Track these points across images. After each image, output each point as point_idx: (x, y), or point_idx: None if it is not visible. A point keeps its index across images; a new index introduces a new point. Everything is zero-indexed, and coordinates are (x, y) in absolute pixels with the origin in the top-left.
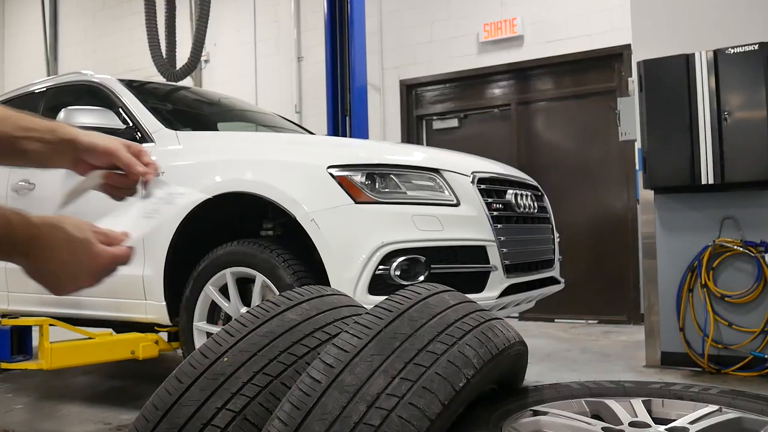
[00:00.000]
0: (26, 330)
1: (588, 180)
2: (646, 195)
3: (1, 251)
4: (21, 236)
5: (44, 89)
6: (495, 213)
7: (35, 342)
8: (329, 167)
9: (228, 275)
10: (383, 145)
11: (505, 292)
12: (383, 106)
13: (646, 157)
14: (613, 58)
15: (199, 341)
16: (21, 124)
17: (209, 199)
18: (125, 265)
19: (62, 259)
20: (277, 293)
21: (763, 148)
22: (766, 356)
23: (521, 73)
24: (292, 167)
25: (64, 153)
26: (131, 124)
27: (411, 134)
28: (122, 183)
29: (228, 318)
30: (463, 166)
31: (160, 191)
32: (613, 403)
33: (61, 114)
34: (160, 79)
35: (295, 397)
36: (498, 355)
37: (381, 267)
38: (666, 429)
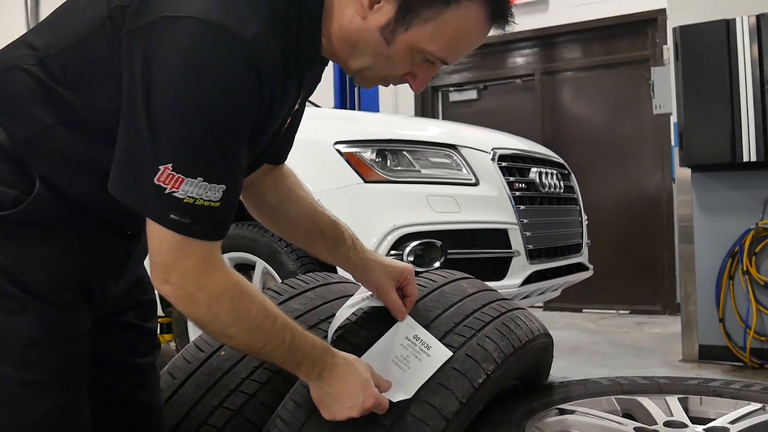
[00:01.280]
0: None
1: (619, 157)
2: (683, 174)
3: (308, 369)
4: (322, 363)
5: None
6: (517, 193)
7: None
8: (336, 143)
9: (225, 261)
10: (395, 119)
11: (529, 280)
12: None
13: (683, 132)
14: (647, 24)
15: (193, 333)
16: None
17: None
18: (381, 413)
19: (345, 389)
20: (279, 281)
21: None
22: None
23: (546, 40)
24: (296, 143)
25: (344, 265)
26: None
27: (425, 107)
28: None
29: None
30: (482, 142)
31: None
32: (646, 401)
33: None
34: None
35: (298, 395)
36: (521, 348)
37: (393, 252)
38: (704, 429)
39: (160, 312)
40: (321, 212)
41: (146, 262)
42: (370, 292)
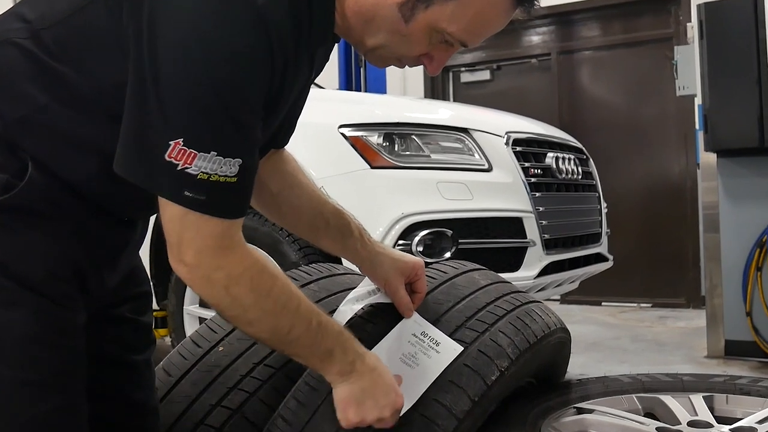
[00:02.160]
0: None
1: (640, 141)
2: (708, 159)
3: (341, 358)
4: (348, 355)
5: None
6: (533, 179)
7: None
8: (341, 126)
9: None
10: (403, 101)
11: (545, 271)
12: None
13: (708, 115)
14: (670, 1)
15: (190, 328)
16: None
17: None
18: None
19: (380, 385)
20: None
21: None
22: None
23: (563, 17)
24: (298, 126)
25: (351, 257)
26: None
27: (435, 88)
28: None
29: None
30: (495, 126)
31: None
32: (669, 400)
33: None
34: None
35: (301, 393)
36: (536, 343)
37: (401, 242)
38: (730, 429)
39: (154, 305)
40: (325, 201)
41: (142, 251)
42: (375, 286)
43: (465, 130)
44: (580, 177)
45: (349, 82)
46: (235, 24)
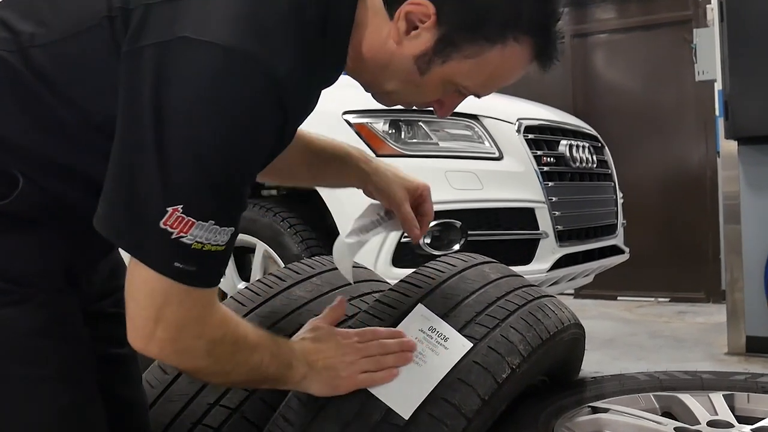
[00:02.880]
0: None
1: (658, 129)
2: (729, 147)
3: (298, 365)
4: (303, 348)
5: None
6: (545, 168)
7: None
8: (345, 113)
9: None
10: None
11: (558, 264)
12: None
13: (729, 101)
14: None
15: None
16: None
17: None
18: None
19: (331, 350)
20: (282, 265)
21: None
22: None
23: None
24: None
25: (355, 178)
26: None
27: None
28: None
29: (223, 295)
30: (506, 112)
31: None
32: (688, 398)
33: None
34: None
35: (303, 392)
36: (549, 340)
37: (407, 234)
38: (752, 429)
39: None
40: (311, 137)
41: None
42: (379, 214)
43: (474, 117)
44: (594, 166)
45: None
46: (253, 95)
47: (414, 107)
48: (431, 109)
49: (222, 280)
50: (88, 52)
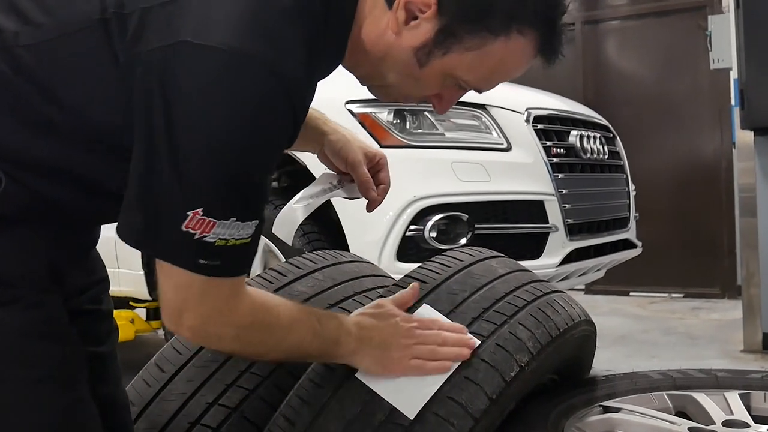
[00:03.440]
0: None
1: (671, 119)
2: (744, 137)
3: (346, 339)
4: (353, 321)
5: None
6: (555, 159)
7: None
8: (348, 102)
9: None
10: None
11: (568, 259)
12: None
13: (745, 90)
14: None
15: None
16: None
17: None
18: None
19: (387, 330)
20: (283, 260)
21: None
22: None
23: None
24: None
25: (311, 139)
26: None
27: None
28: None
29: None
30: (515, 101)
31: None
32: (702, 397)
33: None
34: None
35: (305, 390)
36: (559, 337)
37: (413, 227)
38: None
39: (146, 296)
40: None
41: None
42: (333, 182)
43: (482, 106)
44: (606, 157)
45: None
46: (260, 95)
47: (411, 102)
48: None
49: None
50: (79, 55)
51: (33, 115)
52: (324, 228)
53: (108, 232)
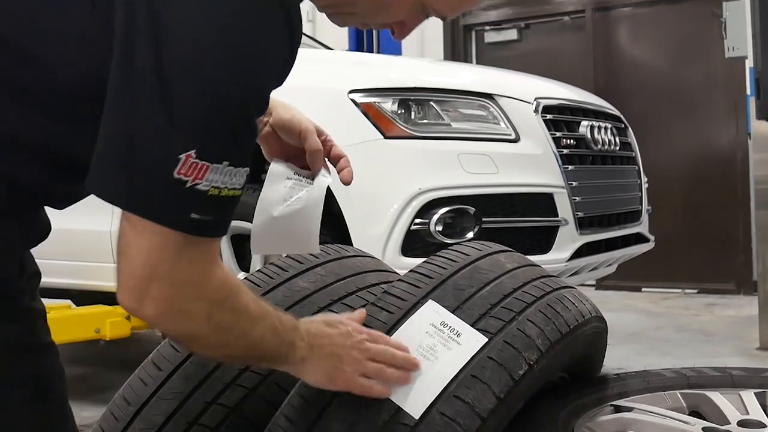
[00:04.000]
0: None
1: (685, 109)
2: (760, 128)
3: (299, 344)
4: (305, 327)
5: None
6: (565, 151)
7: None
8: (351, 92)
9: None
10: (421, 64)
11: (578, 253)
12: None
13: (761, 79)
14: None
15: None
16: None
17: None
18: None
19: (336, 339)
20: (284, 254)
21: None
22: None
23: None
24: (303, 92)
25: None
26: None
27: (456, 50)
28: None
29: None
30: (523, 91)
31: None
32: (717, 396)
33: None
34: None
35: (306, 389)
36: (569, 334)
37: (418, 220)
38: None
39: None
40: None
41: None
42: (288, 176)
43: (489, 96)
44: (617, 148)
45: (360, 43)
46: (262, 13)
47: (369, 28)
48: (441, 87)
49: None
50: (54, 5)
51: (5, 79)
52: (327, 222)
53: (104, 226)
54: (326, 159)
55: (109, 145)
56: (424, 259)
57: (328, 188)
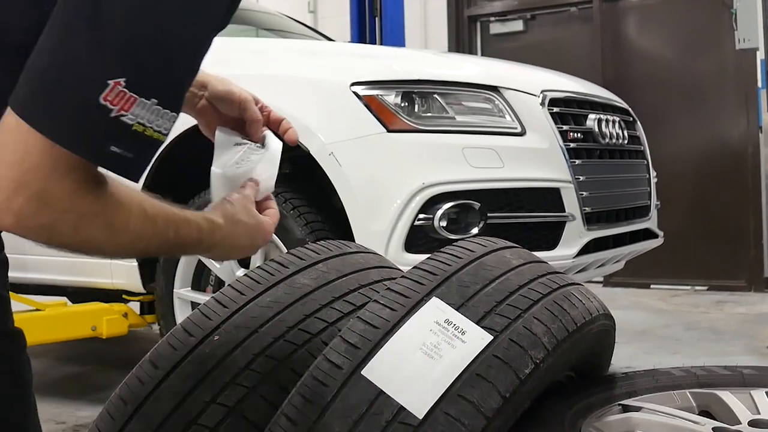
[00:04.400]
0: None
1: (694, 102)
2: None
3: (191, 252)
4: (211, 241)
5: None
6: (572, 145)
7: None
8: (353, 84)
9: None
10: (424, 55)
11: (586, 249)
12: (424, 4)
13: None
14: None
15: (181, 314)
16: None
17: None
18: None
19: (240, 246)
20: (285, 250)
21: None
22: None
23: None
24: (304, 85)
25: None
26: None
27: (461, 41)
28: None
29: (220, 283)
30: (530, 83)
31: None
32: (727, 396)
33: None
34: None
35: (307, 388)
36: (576, 332)
37: (422, 216)
38: None
39: (140, 289)
40: None
41: None
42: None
43: (495, 89)
44: (625, 142)
45: (362, 35)
46: None
47: None
48: (445, 80)
49: (218, 266)
50: None
51: None
52: (328, 217)
53: None
54: (266, 126)
55: (37, 69)
56: (428, 255)
57: (329, 184)
